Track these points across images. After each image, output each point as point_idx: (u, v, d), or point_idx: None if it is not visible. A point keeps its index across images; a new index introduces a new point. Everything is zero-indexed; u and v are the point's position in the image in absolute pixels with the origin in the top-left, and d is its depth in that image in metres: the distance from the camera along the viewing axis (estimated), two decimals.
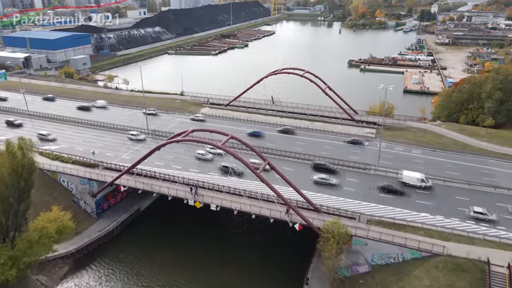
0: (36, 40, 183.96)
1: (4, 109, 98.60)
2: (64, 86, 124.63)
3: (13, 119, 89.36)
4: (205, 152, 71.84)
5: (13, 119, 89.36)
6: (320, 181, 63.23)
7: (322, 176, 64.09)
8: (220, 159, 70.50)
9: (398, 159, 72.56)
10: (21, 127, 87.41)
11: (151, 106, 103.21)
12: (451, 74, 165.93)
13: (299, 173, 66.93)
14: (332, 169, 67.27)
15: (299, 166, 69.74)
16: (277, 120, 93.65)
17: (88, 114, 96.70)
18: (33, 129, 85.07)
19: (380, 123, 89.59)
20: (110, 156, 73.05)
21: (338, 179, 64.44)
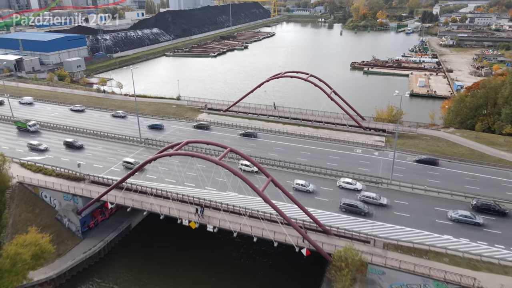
0: (29, 42, 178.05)
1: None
2: (55, 90, 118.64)
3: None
4: None
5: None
6: None
7: None
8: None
9: (411, 171, 66.68)
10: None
11: (145, 111, 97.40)
12: (458, 77, 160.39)
13: None
14: None
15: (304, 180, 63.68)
16: (279, 127, 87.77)
17: (79, 120, 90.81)
18: (18, 138, 79.69)
19: (389, 130, 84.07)
20: (98, 168, 67.10)
21: None
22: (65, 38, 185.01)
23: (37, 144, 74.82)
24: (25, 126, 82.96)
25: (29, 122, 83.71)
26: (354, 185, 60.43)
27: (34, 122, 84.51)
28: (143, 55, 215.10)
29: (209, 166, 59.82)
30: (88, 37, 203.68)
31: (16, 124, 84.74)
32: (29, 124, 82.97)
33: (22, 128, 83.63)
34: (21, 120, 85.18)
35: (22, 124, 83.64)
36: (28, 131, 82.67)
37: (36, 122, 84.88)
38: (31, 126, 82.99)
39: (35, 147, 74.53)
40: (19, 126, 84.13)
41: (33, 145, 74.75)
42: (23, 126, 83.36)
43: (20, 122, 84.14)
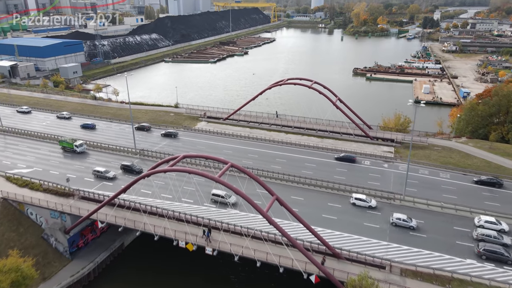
0: (24, 47, 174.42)
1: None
2: (48, 97, 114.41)
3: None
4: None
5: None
6: None
7: None
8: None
9: (424, 185, 62.26)
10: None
11: (141, 119, 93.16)
12: (464, 83, 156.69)
13: (311, 203, 56.56)
14: None
15: (310, 195, 59.29)
16: (282, 136, 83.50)
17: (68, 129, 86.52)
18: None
19: (398, 140, 79.80)
20: (89, 183, 62.60)
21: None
22: (61, 43, 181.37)
23: (104, 171, 64.12)
24: (71, 147, 73.35)
25: (76, 142, 73.77)
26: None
27: (81, 142, 74.56)
28: (142, 61, 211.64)
29: (208, 180, 55.28)
30: (86, 43, 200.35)
31: (61, 144, 74.71)
32: (76, 145, 73.06)
33: (67, 148, 74.12)
34: (67, 139, 74.72)
35: (68, 144, 73.70)
36: (74, 152, 73.39)
37: (84, 142, 75.13)
38: (78, 146, 73.17)
39: (102, 174, 63.84)
40: (64, 146, 74.35)
41: (100, 172, 64.03)
42: (69, 146, 73.69)
43: (65, 142, 74.05)
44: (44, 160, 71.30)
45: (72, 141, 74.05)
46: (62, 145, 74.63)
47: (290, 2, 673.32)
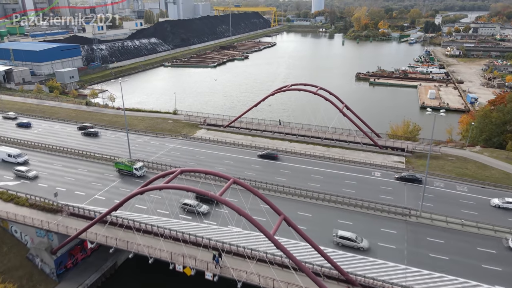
0: (20, 52, 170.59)
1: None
2: (42, 103, 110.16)
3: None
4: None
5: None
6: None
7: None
8: None
9: (441, 199, 57.86)
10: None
11: (137, 127, 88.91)
12: (470, 89, 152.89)
13: (320, 221, 52.10)
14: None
15: (319, 211, 54.86)
16: (286, 145, 79.21)
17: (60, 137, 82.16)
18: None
19: (409, 150, 75.45)
20: (80, 196, 58.14)
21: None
22: (58, 48, 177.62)
23: (195, 204, 53.73)
24: (130, 170, 63.36)
25: (136, 164, 63.93)
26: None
27: (142, 164, 65.04)
28: (140, 65, 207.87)
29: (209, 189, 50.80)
30: (83, 47, 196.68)
31: (117, 166, 64.49)
32: (136, 167, 63.23)
33: (124, 171, 64.18)
34: (124, 161, 64.46)
35: (125, 166, 63.68)
36: (133, 176, 63.32)
37: (143, 164, 65.89)
38: (138, 169, 63.23)
39: (192, 208, 53.15)
40: (120, 168, 64.19)
41: (190, 206, 53.52)
42: (127, 169, 63.74)
43: (123, 164, 63.84)
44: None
45: (131, 163, 64.09)
46: (118, 167, 64.63)
47: (290, 7, 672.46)
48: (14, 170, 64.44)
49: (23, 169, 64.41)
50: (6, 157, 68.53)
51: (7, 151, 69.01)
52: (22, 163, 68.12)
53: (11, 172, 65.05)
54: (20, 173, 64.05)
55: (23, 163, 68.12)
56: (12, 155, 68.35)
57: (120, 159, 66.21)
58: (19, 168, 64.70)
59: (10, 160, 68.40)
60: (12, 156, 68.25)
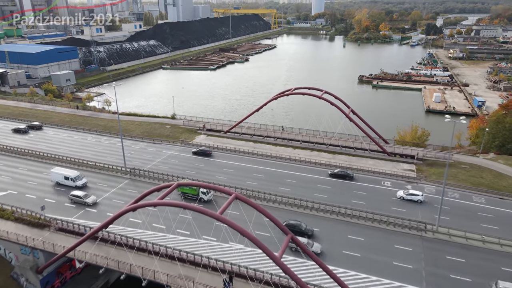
0: (16, 54, 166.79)
1: None
2: (35, 107, 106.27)
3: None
4: None
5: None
6: None
7: None
8: None
9: (457, 212, 53.95)
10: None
11: (134, 132, 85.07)
12: (476, 92, 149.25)
13: (328, 236, 48.15)
14: None
15: (326, 225, 50.91)
16: (289, 152, 75.34)
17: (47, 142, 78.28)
18: None
19: (419, 157, 71.55)
20: (70, 209, 54.16)
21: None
22: (55, 50, 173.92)
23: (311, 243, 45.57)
24: (195, 194, 56.00)
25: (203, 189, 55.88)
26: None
27: None
28: (139, 68, 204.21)
29: None
30: (81, 49, 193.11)
31: (181, 190, 56.32)
32: (203, 191, 55.64)
33: (188, 195, 56.29)
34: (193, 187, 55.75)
35: (191, 190, 55.96)
36: (200, 201, 55.36)
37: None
38: (205, 193, 55.82)
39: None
40: (185, 192, 56.49)
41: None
42: (192, 193, 56.11)
43: (189, 188, 55.94)
44: None
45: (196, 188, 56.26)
46: (182, 191, 56.60)
47: (290, 9, 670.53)
48: (70, 195, 55.84)
49: (80, 194, 55.52)
50: (62, 179, 59.93)
51: (64, 173, 60.26)
52: (80, 186, 59.24)
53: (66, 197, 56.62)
54: (77, 198, 55.34)
55: (81, 187, 59.33)
56: (69, 178, 59.55)
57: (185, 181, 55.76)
58: (75, 193, 55.80)
59: (67, 183, 59.58)
60: (70, 178, 59.44)
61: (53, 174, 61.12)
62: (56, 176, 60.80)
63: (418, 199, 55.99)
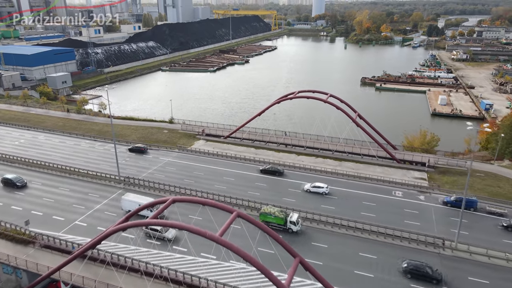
0: (11, 56, 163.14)
1: None
2: (28, 110, 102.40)
3: None
4: None
5: None
6: None
7: None
8: None
9: (476, 225, 50.06)
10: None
11: (129, 138, 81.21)
12: (482, 94, 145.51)
13: (338, 253, 44.22)
14: None
15: (335, 241, 46.98)
16: (293, 159, 71.49)
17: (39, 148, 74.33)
18: None
19: (431, 164, 67.65)
20: (58, 222, 50.26)
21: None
22: (51, 51, 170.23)
23: None
24: (282, 223, 47.81)
25: (291, 216, 48.48)
26: None
27: (297, 216, 49.17)
28: (137, 69, 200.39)
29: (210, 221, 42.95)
30: (78, 51, 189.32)
31: (263, 218, 48.31)
32: (292, 220, 47.75)
33: (273, 224, 47.90)
34: (274, 211, 48.27)
35: (276, 219, 47.82)
36: (288, 231, 47.71)
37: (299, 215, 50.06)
38: (294, 223, 47.70)
39: None
40: (268, 221, 47.99)
41: None
42: (277, 222, 47.94)
43: (272, 216, 48.02)
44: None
45: (283, 214, 48.30)
46: (265, 220, 48.31)
47: (290, 11, 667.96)
48: (146, 228, 46.63)
49: (158, 227, 45.83)
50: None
51: (140, 201, 49.65)
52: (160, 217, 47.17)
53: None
54: (154, 232, 45.78)
55: (161, 217, 48.65)
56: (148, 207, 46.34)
57: (268, 208, 48.77)
58: (153, 226, 45.58)
59: (142, 213, 47.97)
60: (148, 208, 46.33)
61: (125, 202, 50.92)
62: (129, 204, 50.37)
63: (323, 191, 57.40)
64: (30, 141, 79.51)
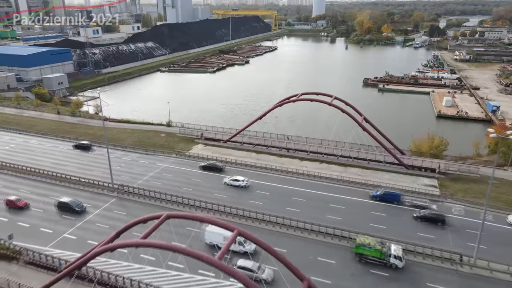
0: (6, 56, 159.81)
1: None
2: (21, 113, 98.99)
3: None
4: None
5: None
6: None
7: None
8: None
9: (494, 239, 46.62)
10: None
11: (125, 142, 77.85)
12: (488, 96, 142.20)
13: (345, 270, 40.84)
14: None
15: (342, 256, 43.62)
16: (296, 164, 68.18)
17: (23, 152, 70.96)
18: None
19: (441, 170, 64.28)
20: (46, 235, 46.85)
21: None
22: (48, 52, 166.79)
23: None
24: (380, 256, 40.91)
25: (390, 248, 41.58)
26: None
27: (401, 248, 42.18)
28: (136, 70, 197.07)
29: None
30: (75, 51, 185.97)
31: (358, 249, 41.85)
32: (396, 255, 40.79)
33: (369, 258, 41.39)
34: (370, 242, 41.55)
35: (373, 251, 40.91)
36: (391, 267, 40.87)
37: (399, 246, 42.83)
38: (397, 257, 40.82)
39: None
40: (364, 254, 41.65)
41: None
42: (375, 255, 40.98)
43: (368, 248, 41.22)
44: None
45: (381, 246, 41.29)
46: (361, 252, 41.91)
47: (290, 11, 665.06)
48: (236, 265, 39.63)
49: (250, 265, 39.38)
50: (222, 241, 42.71)
51: (225, 234, 41.22)
52: (251, 252, 41.93)
53: None
54: (246, 271, 38.25)
55: (252, 253, 41.94)
56: (237, 241, 41.96)
57: (364, 239, 42.15)
58: (244, 264, 39.53)
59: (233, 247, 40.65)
60: (237, 241, 42.22)
61: (208, 234, 44.39)
62: (213, 237, 44.11)
63: (240, 184, 58.96)
64: (21, 146, 76.11)
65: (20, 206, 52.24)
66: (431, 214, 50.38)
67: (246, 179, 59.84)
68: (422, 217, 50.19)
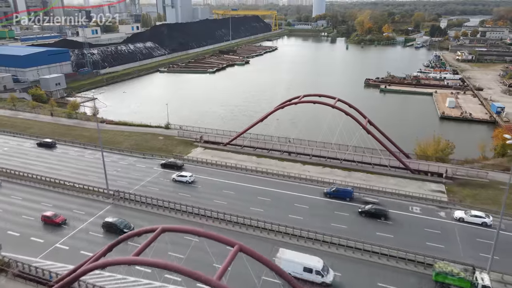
0: (3, 57, 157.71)
1: None
2: (16, 115, 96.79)
3: None
4: None
5: None
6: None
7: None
8: None
9: (506, 247, 44.48)
10: None
11: (122, 145, 75.65)
12: (492, 96, 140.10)
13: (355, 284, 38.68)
14: None
15: (350, 268, 41.47)
16: (299, 169, 66.00)
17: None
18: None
19: (449, 175, 62.13)
20: (37, 245, 44.66)
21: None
22: (45, 52, 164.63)
23: None
24: (465, 286, 37.89)
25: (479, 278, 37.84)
26: None
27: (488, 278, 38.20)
28: (134, 71, 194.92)
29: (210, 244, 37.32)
30: (73, 51, 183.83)
31: (438, 278, 38.50)
32: (485, 285, 37.24)
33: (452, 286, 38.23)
34: (453, 270, 38.04)
35: (458, 281, 37.77)
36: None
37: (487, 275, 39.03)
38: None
39: None
40: (446, 283, 38.30)
41: None
42: (461, 285, 37.88)
43: (451, 277, 37.86)
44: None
45: (465, 274, 37.95)
46: (442, 281, 38.47)
47: (290, 11, 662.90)
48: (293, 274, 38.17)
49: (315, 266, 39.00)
50: (301, 271, 39.52)
51: (304, 262, 39.61)
52: (329, 284, 38.87)
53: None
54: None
55: (330, 285, 38.96)
56: (313, 270, 38.97)
57: (447, 266, 38.48)
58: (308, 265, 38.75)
59: (308, 277, 39.10)
60: (314, 271, 38.94)
61: (285, 264, 39.54)
62: (290, 266, 39.56)
63: (186, 180, 59.94)
64: (14, 149, 73.91)
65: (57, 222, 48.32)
66: (374, 209, 51.26)
67: (191, 175, 60.82)
68: (366, 212, 51.05)
